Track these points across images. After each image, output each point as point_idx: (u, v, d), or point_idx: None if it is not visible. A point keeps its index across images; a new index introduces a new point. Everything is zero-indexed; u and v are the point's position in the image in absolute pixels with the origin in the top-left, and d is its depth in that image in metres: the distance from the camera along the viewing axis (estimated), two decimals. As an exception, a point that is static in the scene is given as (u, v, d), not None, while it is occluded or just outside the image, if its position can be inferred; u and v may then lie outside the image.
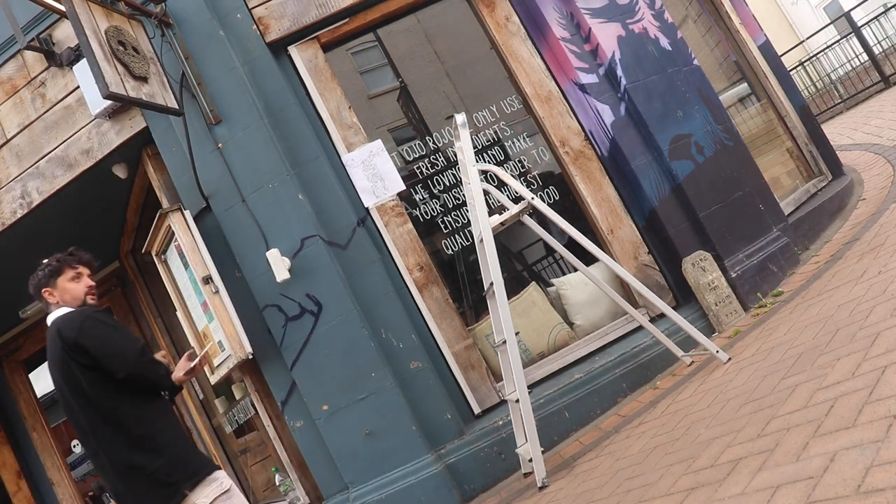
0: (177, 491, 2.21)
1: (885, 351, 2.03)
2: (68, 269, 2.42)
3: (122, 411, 2.25)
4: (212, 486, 2.26)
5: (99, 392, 2.24)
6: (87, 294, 2.43)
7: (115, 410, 2.24)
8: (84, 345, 2.22)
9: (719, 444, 2.15)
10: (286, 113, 3.63)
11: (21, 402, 5.68)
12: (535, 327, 3.77)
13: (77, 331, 2.24)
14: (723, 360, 3.09)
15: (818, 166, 5.04)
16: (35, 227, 4.20)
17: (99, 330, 2.27)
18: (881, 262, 2.96)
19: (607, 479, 2.54)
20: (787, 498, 1.55)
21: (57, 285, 2.40)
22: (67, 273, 2.41)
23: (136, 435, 2.24)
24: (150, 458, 2.22)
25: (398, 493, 3.25)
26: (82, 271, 2.45)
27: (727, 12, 5.08)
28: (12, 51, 3.95)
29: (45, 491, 5.61)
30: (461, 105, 4.15)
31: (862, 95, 10.15)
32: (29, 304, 5.37)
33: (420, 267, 3.63)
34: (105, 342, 2.26)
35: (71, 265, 2.43)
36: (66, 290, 2.40)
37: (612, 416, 3.32)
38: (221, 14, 3.69)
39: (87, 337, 2.23)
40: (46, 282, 2.40)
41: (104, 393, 2.25)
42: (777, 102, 5.02)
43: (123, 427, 2.24)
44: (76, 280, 2.42)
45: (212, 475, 2.29)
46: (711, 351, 3.15)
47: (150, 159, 3.90)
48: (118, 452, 2.24)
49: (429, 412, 3.40)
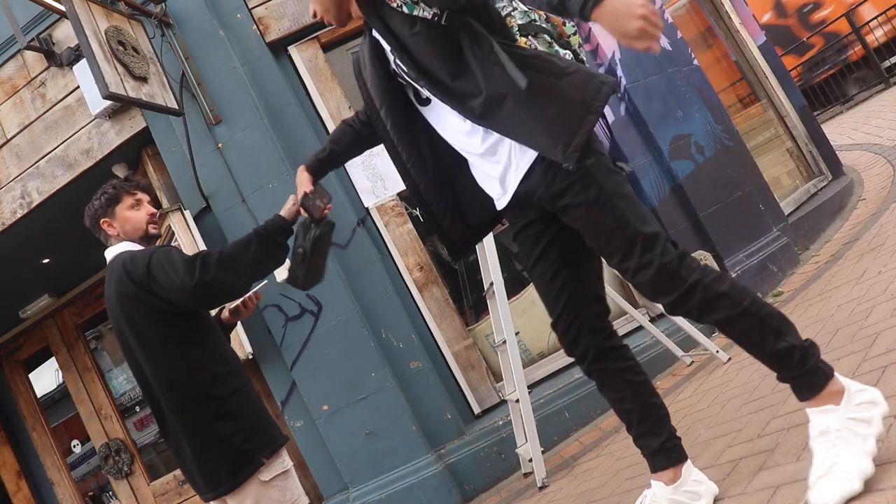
0: (253, 458, 1.95)
1: (885, 351, 2.03)
2: (127, 196, 2.14)
3: (194, 365, 1.98)
4: (276, 462, 2.01)
5: (166, 336, 1.98)
6: (149, 223, 2.16)
7: (188, 363, 1.98)
8: (155, 277, 1.93)
9: (719, 444, 2.15)
10: (286, 113, 3.63)
11: (21, 402, 5.67)
12: (535, 327, 3.77)
13: (146, 265, 1.95)
14: (723, 360, 3.09)
15: (818, 166, 5.05)
16: (35, 227, 4.19)
17: (168, 256, 1.97)
18: (881, 262, 2.96)
19: (607, 479, 2.54)
20: (787, 498, 1.55)
21: (116, 214, 2.12)
22: (126, 200, 2.14)
23: (209, 393, 1.97)
24: (226, 421, 1.96)
25: (398, 493, 3.25)
26: (141, 198, 2.18)
27: (727, 12, 5.08)
28: (12, 51, 3.95)
29: (45, 491, 5.61)
30: (461, 105, 4.15)
31: (862, 95, 10.15)
32: (29, 304, 5.37)
33: (420, 267, 3.63)
34: (170, 270, 1.94)
35: (129, 191, 2.16)
36: (126, 220, 2.13)
37: (612, 416, 3.32)
38: (221, 14, 3.69)
39: (156, 270, 1.94)
40: (104, 211, 2.12)
41: (173, 339, 1.99)
42: (777, 102, 5.02)
43: (194, 382, 1.97)
44: (136, 207, 2.15)
45: (283, 449, 2.05)
46: (711, 351, 3.15)
47: (150, 159, 3.89)
48: (188, 409, 1.97)
49: (429, 412, 3.40)
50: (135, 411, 5.63)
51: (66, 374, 5.57)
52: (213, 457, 1.96)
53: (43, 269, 4.96)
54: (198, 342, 2.03)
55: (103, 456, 5.41)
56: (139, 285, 1.96)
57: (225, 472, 1.94)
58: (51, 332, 5.57)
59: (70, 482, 5.61)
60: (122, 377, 5.68)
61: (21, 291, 5.17)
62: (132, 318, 2.00)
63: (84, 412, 5.51)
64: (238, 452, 1.95)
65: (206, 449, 1.97)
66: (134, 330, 2.00)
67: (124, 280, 1.98)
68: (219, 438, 1.95)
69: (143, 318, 1.99)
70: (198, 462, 1.98)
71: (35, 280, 5.08)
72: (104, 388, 5.50)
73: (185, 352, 2.00)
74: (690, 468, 1.75)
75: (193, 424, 1.97)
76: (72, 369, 5.51)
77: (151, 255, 1.99)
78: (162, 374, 1.98)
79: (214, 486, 1.97)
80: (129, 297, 1.99)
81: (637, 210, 1.60)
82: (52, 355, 5.61)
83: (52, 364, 5.73)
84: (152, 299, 1.96)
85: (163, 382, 1.98)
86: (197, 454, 1.97)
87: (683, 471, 1.72)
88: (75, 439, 5.74)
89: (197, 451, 1.97)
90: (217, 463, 1.95)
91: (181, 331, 2.02)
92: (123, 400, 5.63)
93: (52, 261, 4.90)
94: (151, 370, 1.99)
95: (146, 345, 2.00)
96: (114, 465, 5.39)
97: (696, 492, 1.71)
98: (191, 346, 2.01)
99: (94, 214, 2.14)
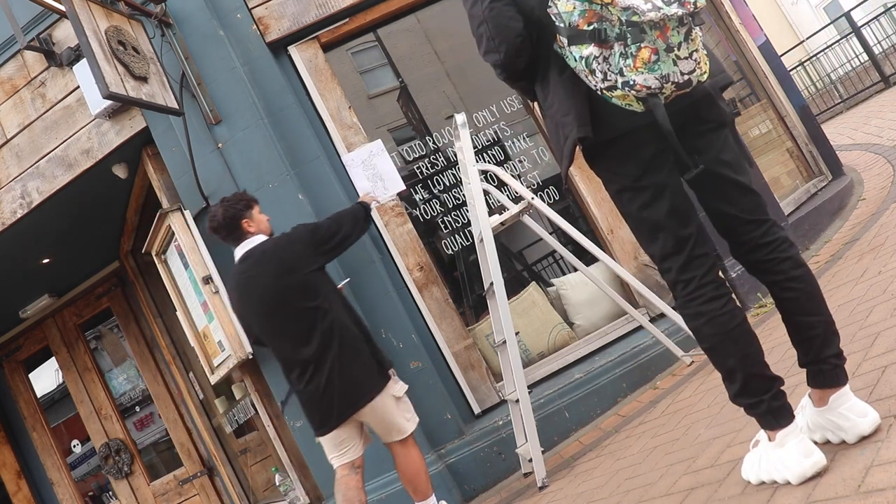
0: (386, 369, 2.71)
1: (885, 351, 2.03)
2: (255, 204, 2.86)
3: (338, 308, 2.68)
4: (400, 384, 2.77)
5: (325, 292, 2.67)
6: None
7: (339, 308, 2.69)
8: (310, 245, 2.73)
9: (719, 444, 2.15)
10: (286, 113, 3.63)
11: (21, 402, 5.68)
12: (535, 327, 3.77)
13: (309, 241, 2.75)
14: (723, 360, 3.08)
15: (818, 166, 5.04)
16: (35, 227, 4.20)
17: (304, 229, 2.81)
18: (881, 262, 2.96)
19: (607, 479, 2.54)
20: (787, 498, 1.55)
21: (253, 217, 2.80)
22: (256, 206, 2.85)
23: (357, 323, 2.73)
24: (369, 343, 2.71)
25: (398, 492, 3.24)
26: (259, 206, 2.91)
27: (727, 12, 5.08)
28: (12, 51, 3.95)
29: (45, 491, 5.61)
30: (461, 105, 4.16)
31: (862, 95, 10.15)
32: (29, 304, 5.37)
33: (420, 267, 3.63)
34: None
35: (255, 200, 2.88)
36: (260, 221, 2.83)
37: (612, 416, 3.32)
38: (221, 14, 3.69)
39: (300, 243, 2.74)
40: (245, 213, 2.78)
41: (329, 292, 2.70)
42: (777, 102, 5.01)
43: (344, 318, 2.67)
44: (262, 212, 2.88)
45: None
46: (711, 351, 3.14)
47: (150, 159, 3.89)
48: (346, 341, 2.62)
49: (429, 412, 3.39)
50: (135, 411, 5.63)
51: (66, 374, 5.57)
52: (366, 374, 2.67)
53: (43, 269, 4.96)
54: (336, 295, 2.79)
55: (103, 456, 5.42)
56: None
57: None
58: (51, 332, 5.57)
59: (70, 482, 5.61)
60: (122, 377, 5.68)
61: (21, 291, 5.17)
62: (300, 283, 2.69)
63: (84, 412, 5.51)
64: (381, 364, 2.71)
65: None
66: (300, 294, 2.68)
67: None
68: (368, 357, 2.70)
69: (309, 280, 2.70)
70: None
71: (35, 280, 5.08)
72: (104, 388, 5.50)
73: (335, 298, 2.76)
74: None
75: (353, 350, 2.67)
76: (72, 369, 5.51)
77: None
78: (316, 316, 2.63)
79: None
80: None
81: (640, 229, 1.71)
82: (52, 355, 5.62)
83: (52, 364, 5.74)
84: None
85: (315, 324, 2.61)
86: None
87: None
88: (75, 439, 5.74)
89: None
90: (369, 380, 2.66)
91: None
92: (123, 400, 5.63)
93: (52, 261, 4.90)
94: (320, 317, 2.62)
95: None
96: (114, 465, 5.39)
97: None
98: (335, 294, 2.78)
99: (237, 216, 2.76)
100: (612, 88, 1.50)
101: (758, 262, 1.68)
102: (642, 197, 1.64)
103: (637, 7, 1.37)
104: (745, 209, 1.67)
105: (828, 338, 1.64)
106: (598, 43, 1.47)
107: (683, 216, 1.65)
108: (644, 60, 1.44)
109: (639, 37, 1.42)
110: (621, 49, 1.45)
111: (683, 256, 1.64)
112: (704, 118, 1.64)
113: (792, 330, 1.69)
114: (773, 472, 1.61)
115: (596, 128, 1.60)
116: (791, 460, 1.56)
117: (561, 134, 1.65)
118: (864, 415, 1.58)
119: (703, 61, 1.51)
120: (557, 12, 1.52)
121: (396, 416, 2.67)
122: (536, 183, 4.01)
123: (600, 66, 1.49)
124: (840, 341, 1.66)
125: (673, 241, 1.64)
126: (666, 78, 1.45)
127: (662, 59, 1.44)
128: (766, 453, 1.64)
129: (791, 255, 1.66)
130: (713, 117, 1.64)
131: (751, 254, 1.69)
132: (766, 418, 1.60)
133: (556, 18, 1.54)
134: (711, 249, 1.68)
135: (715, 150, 1.65)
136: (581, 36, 1.49)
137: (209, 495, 5.15)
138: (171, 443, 5.35)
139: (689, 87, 1.50)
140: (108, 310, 5.47)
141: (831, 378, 1.62)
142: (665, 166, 1.63)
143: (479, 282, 3.72)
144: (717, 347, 1.62)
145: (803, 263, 1.68)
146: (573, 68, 1.57)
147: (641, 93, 1.48)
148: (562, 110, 1.63)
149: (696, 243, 1.64)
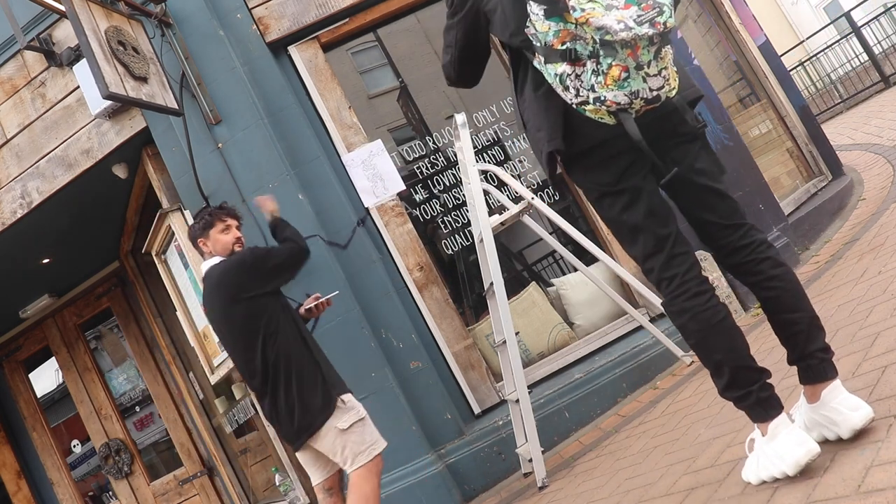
0: (335, 398, 2.54)
1: (885, 351, 2.03)
2: (218, 222, 2.69)
3: (286, 333, 2.55)
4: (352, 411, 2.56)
5: (268, 318, 2.54)
6: (235, 244, 2.69)
7: (287, 332, 2.55)
8: (240, 281, 2.55)
9: (719, 444, 2.15)
10: (286, 113, 3.63)
11: (21, 402, 5.68)
12: (535, 327, 3.77)
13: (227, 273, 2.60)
14: (723, 360, 3.09)
15: (818, 166, 5.04)
16: (35, 227, 4.19)
17: (243, 261, 2.62)
18: (881, 262, 2.96)
19: (607, 479, 2.54)
20: (787, 498, 1.55)
21: (209, 236, 2.67)
22: (218, 226, 2.68)
23: (309, 348, 2.59)
24: (321, 368, 2.58)
25: (398, 493, 3.25)
26: (231, 223, 2.72)
27: (727, 12, 5.08)
28: (12, 51, 3.95)
29: (45, 491, 5.61)
30: (461, 105, 4.15)
31: (862, 95, 10.15)
32: (29, 304, 5.37)
33: (420, 267, 3.63)
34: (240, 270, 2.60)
35: (221, 218, 2.70)
36: (217, 241, 2.67)
37: (612, 416, 3.32)
38: (221, 14, 3.69)
39: (233, 275, 2.57)
40: (200, 233, 2.68)
41: (274, 318, 2.55)
42: (777, 102, 5.01)
43: (291, 346, 2.54)
44: (225, 232, 2.69)
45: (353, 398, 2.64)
46: (711, 351, 3.14)
47: (150, 159, 3.89)
48: (292, 370, 2.50)
49: (429, 412, 3.40)
50: (135, 411, 5.63)
51: (66, 374, 5.57)
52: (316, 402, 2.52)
53: (43, 269, 4.96)
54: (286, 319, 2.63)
55: (103, 456, 5.42)
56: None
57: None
58: (51, 332, 5.57)
59: (70, 482, 5.61)
60: (121, 377, 5.68)
61: (21, 291, 5.17)
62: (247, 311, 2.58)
63: (84, 412, 5.51)
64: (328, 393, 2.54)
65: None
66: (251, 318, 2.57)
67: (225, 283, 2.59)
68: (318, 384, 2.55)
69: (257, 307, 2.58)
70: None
71: (35, 280, 5.08)
72: (104, 388, 5.50)
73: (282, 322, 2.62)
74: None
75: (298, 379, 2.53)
76: (72, 369, 5.51)
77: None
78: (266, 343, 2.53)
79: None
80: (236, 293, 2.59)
81: (621, 232, 1.76)
82: (52, 355, 5.62)
83: (52, 364, 5.74)
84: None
85: (266, 351, 2.52)
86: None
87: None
88: (75, 439, 5.74)
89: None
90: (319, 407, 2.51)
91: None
92: (123, 400, 5.63)
93: (52, 261, 4.90)
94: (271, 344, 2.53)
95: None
96: (114, 465, 5.39)
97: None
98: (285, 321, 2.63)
99: (194, 236, 2.69)
100: (585, 104, 1.58)
101: (738, 265, 1.74)
102: (621, 200, 1.71)
103: (610, 27, 1.43)
104: (723, 214, 1.74)
105: (812, 333, 1.68)
106: (571, 62, 1.55)
107: (662, 217, 1.71)
108: (614, 78, 1.51)
109: (610, 55, 1.49)
110: (593, 66, 1.53)
111: (664, 255, 1.69)
112: (678, 131, 1.71)
113: (777, 328, 1.74)
114: (770, 468, 1.62)
115: (571, 139, 1.67)
116: (784, 450, 1.58)
117: (536, 148, 1.76)
118: (856, 408, 1.61)
119: (672, 77, 1.59)
120: (534, 32, 1.59)
121: (341, 448, 2.47)
122: (536, 183, 4.01)
123: (573, 83, 1.57)
124: (826, 336, 1.70)
125: (653, 240, 1.70)
126: (636, 94, 1.53)
127: (632, 77, 1.51)
128: (761, 451, 1.66)
129: (769, 255, 1.72)
130: (686, 130, 1.72)
131: (731, 257, 1.75)
132: (756, 410, 1.64)
133: (532, 38, 1.60)
134: (692, 249, 1.74)
135: (690, 160, 1.72)
136: (555, 55, 1.57)
137: (209, 495, 5.15)
138: (171, 443, 5.35)
139: (658, 102, 1.58)
140: (108, 310, 5.47)
141: (819, 372, 1.66)
142: (640, 172, 1.70)
143: (479, 282, 3.72)
144: (702, 342, 1.67)
145: (783, 263, 1.73)
146: (550, 84, 1.64)
147: (612, 108, 1.56)
148: (535, 125, 1.72)
149: (675, 242, 1.70)
